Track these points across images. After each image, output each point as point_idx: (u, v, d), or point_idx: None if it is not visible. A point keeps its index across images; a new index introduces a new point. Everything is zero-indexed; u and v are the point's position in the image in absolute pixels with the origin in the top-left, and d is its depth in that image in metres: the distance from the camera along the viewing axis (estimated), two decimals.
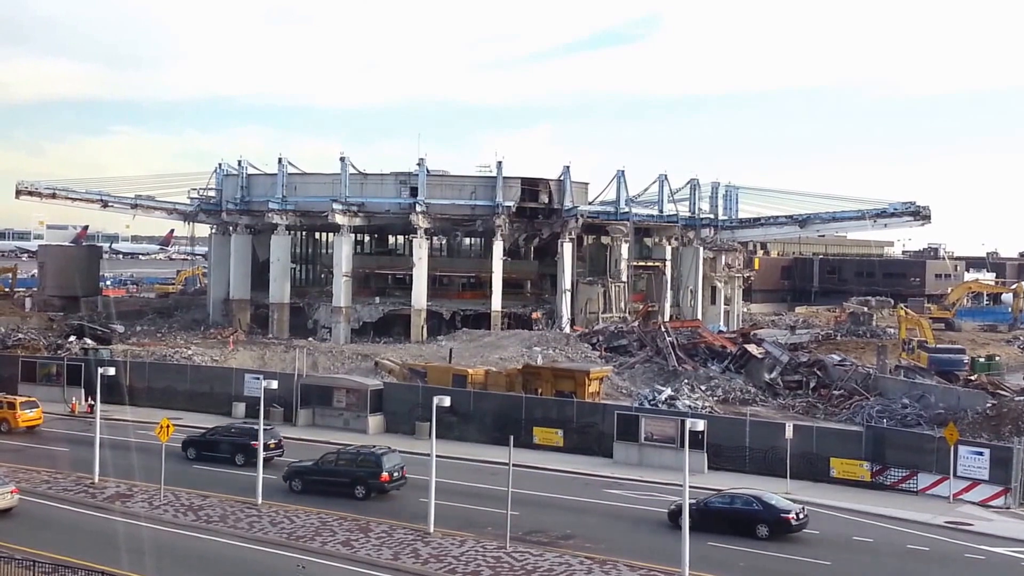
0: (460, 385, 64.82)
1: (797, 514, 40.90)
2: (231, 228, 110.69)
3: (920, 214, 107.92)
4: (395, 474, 45.57)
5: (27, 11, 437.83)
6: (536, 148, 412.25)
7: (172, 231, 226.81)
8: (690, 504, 37.80)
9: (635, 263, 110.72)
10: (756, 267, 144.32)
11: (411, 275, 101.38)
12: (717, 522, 40.86)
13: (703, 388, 74.25)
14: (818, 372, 77.38)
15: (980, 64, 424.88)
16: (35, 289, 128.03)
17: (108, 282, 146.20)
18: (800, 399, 73.27)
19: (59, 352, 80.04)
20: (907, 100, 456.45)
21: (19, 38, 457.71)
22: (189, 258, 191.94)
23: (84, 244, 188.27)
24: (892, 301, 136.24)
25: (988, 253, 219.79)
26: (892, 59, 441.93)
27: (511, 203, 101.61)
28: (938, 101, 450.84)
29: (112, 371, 51.05)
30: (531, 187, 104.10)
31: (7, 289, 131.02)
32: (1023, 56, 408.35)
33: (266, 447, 47.66)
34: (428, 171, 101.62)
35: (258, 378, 59.10)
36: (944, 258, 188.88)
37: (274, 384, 49.09)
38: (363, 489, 44.87)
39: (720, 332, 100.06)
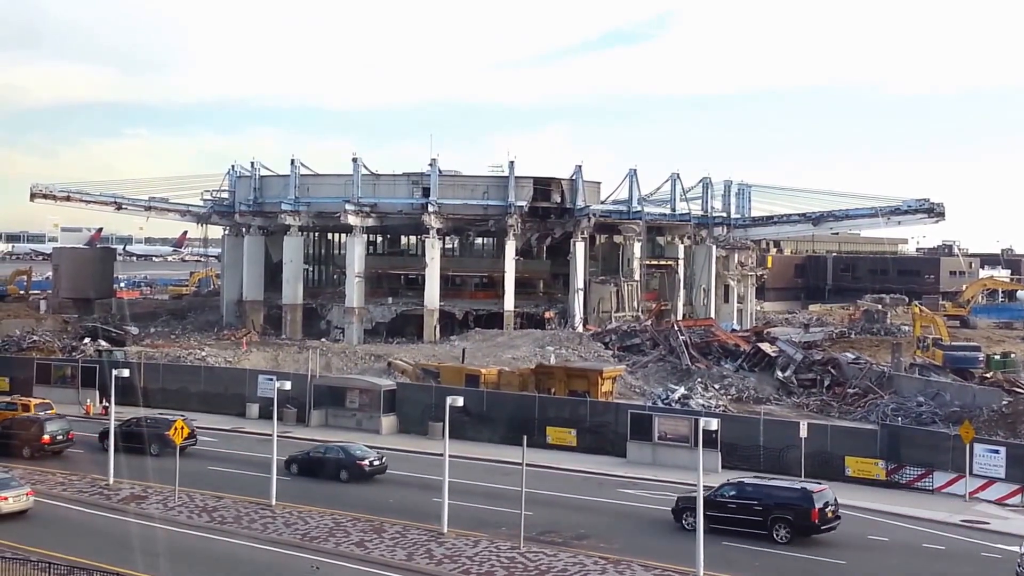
0: (473, 385, 64.80)
1: (371, 461, 49.04)
2: (244, 229, 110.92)
3: (934, 211, 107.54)
4: (58, 437, 52.10)
5: (41, 15, 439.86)
6: (548, 148, 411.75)
7: (185, 233, 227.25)
8: (297, 454, 50.02)
9: (648, 262, 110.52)
10: (769, 265, 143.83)
11: (424, 275, 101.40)
12: (317, 468, 48.96)
13: (716, 387, 74.06)
14: (832, 370, 77.05)
15: (993, 61, 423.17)
16: (49, 291, 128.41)
17: (122, 284, 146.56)
18: (814, 397, 72.97)
19: (74, 354, 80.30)
20: (921, 98, 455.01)
21: (33, 42, 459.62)
22: (202, 259, 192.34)
23: (98, 246, 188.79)
24: (906, 299, 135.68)
25: (1003, 250, 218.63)
26: (905, 56, 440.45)
27: (523, 203, 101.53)
28: (952, 99, 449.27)
29: (126, 373, 51.28)
30: (543, 187, 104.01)
31: (22, 291, 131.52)
32: None
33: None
34: (440, 171, 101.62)
35: (272, 379, 59.16)
36: (958, 255, 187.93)
37: (287, 385, 49.42)
38: (28, 450, 51.22)
39: (733, 331, 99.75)
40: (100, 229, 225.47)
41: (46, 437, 51.88)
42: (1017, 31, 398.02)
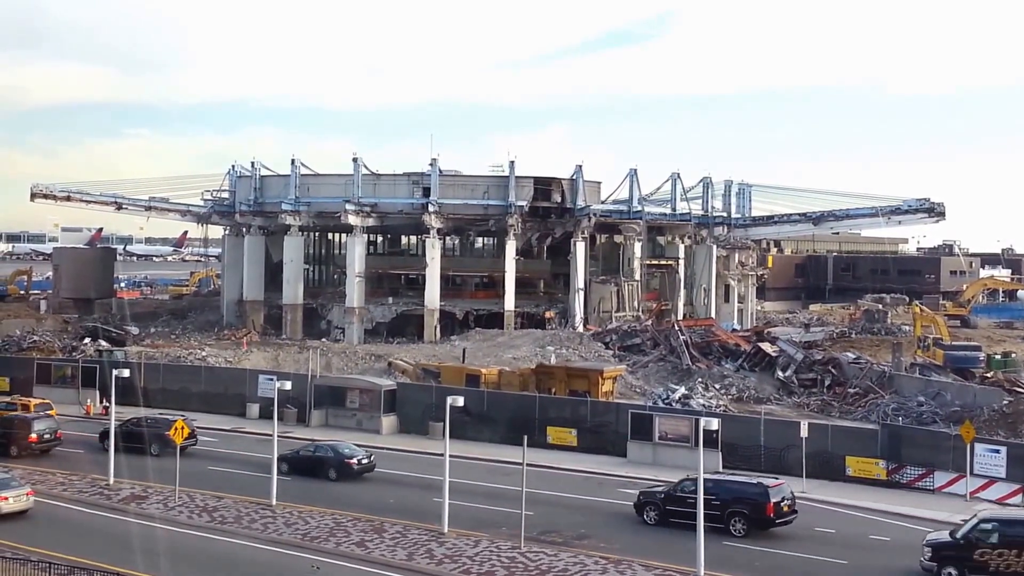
0: (473, 385, 64.75)
1: (360, 460, 49.60)
2: (244, 229, 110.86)
3: (935, 211, 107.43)
4: (45, 436, 52.53)
5: (41, 15, 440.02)
6: (549, 148, 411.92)
7: (185, 233, 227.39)
8: (287, 453, 49.53)
9: (648, 262, 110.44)
10: (770, 265, 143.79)
11: (424, 275, 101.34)
12: (306, 466, 49.24)
13: (717, 387, 73.99)
14: (833, 370, 76.97)
15: (993, 61, 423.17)
16: (50, 291, 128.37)
17: (122, 284, 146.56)
18: (815, 397, 72.89)
19: (74, 354, 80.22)
20: (921, 98, 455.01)
21: (34, 42, 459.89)
22: (203, 259, 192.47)
23: (98, 246, 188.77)
24: (907, 298, 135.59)
25: (1003, 249, 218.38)
26: (905, 56, 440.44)
27: (524, 203, 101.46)
28: (953, 98, 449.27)
29: (127, 373, 51.29)
30: (544, 186, 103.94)
31: (22, 291, 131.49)
32: None
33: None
34: (440, 171, 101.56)
35: (272, 379, 59.08)
36: (959, 255, 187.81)
37: (288, 385, 49.45)
38: (15, 449, 51.57)
39: (734, 330, 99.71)
40: (100, 229, 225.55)
41: (33, 436, 52.32)
42: (1016, 31, 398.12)
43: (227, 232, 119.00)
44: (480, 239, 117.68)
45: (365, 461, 49.95)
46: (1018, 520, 37.00)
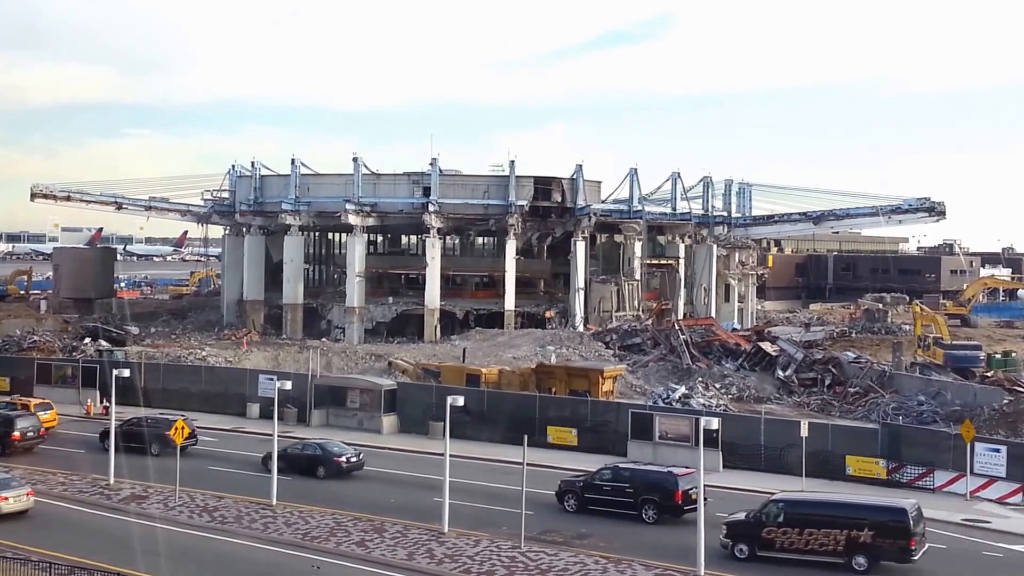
0: (474, 385, 64.73)
1: (348, 458, 49.71)
2: (244, 229, 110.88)
3: (935, 210, 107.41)
4: (28, 434, 52.86)
5: (42, 16, 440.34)
6: (549, 147, 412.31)
7: (185, 232, 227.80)
8: (277, 451, 46.92)
9: (648, 261, 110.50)
10: (770, 264, 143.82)
11: (424, 275, 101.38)
12: (295, 465, 48.74)
13: (717, 386, 73.97)
14: (833, 369, 77.00)
15: (994, 60, 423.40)
16: (50, 291, 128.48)
17: (122, 284, 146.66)
18: (815, 397, 72.91)
19: (74, 354, 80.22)
20: (922, 97, 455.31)
21: (34, 43, 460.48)
22: (203, 259, 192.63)
23: (98, 246, 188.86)
24: (907, 297, 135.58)
25: (1004, 248, 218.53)
26: (906, 55, 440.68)
27: (524, 202, 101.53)
28: (953, 98, 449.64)
29: (127, 373, 51.25)
30: (544, 186, 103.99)
31: (22, 291, 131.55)
32: None
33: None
34: (441, 171, 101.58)
35: (272, 379, 58.99)
36: (959, 254, 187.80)
37: (288, 385, 49.38)
38: (0, 447, 51.77)
39: (734, 330, 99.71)
40: (100, 229, 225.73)
41: (16, 434, 52.47)
42: (1017, 31, 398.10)
43: (227, 232, 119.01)
44: (480, 239, 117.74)
45: (354, 459, 50.00)
46: (801, 501, 39.30)
